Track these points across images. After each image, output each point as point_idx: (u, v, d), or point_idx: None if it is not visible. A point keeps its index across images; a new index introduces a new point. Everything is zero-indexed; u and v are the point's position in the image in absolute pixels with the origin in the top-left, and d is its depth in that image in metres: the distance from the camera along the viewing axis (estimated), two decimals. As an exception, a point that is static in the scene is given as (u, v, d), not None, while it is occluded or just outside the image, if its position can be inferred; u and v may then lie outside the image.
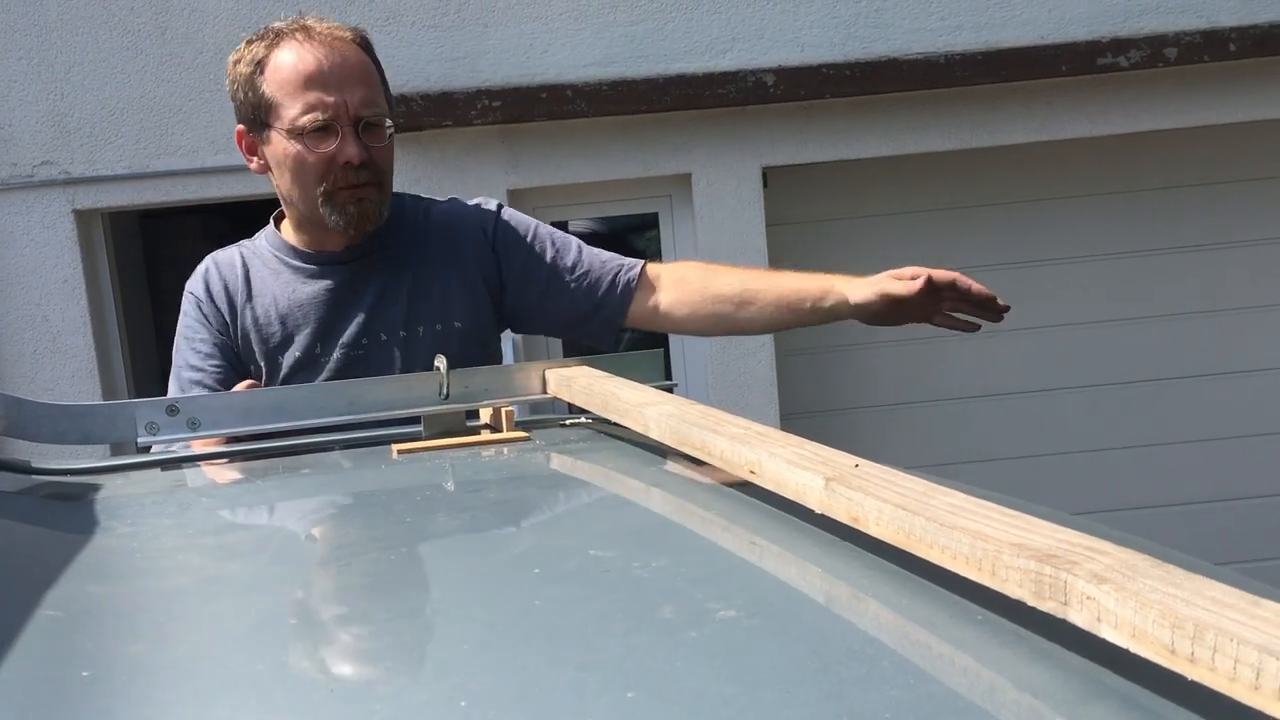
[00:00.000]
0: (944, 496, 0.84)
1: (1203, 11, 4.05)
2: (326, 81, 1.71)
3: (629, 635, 0.75)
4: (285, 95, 1.72)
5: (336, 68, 1.72)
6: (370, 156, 1.75)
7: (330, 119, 1.71)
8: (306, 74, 1.71)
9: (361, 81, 1.75)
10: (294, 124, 1.72)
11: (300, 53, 1.72)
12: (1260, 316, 4.50)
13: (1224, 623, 0.59)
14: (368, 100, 1.75)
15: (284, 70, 1.73)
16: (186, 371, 1.81)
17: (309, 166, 1.74)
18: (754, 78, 4.00)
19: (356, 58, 1.76)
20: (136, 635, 0.80)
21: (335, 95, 1.71)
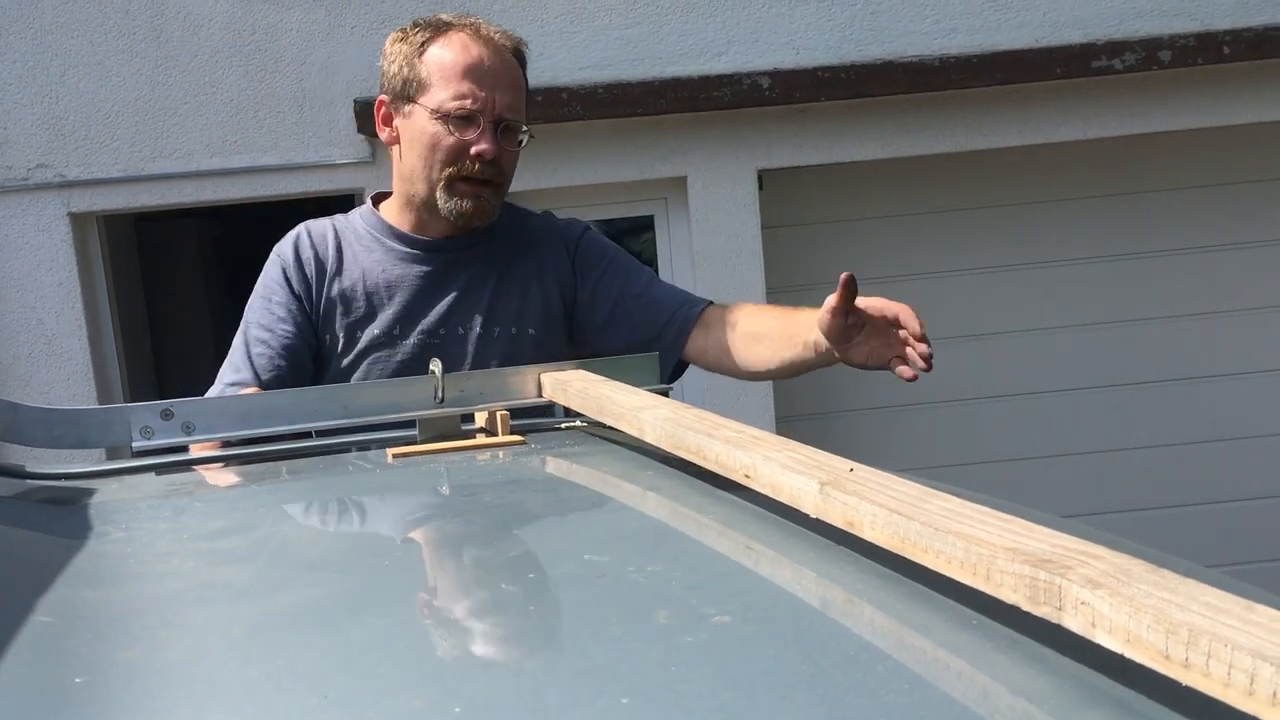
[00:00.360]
0: (939, 501, 0.84)
1: (1197, 14, 4.06)
2: (481, 76, 1.79)
3: (624, 640, 0.75)
4: (440, 78, 1.80)
5: (494, 68, 1.81)
6: (500, 156, 1.82)
7: (476, 110, 1.79)
8: (466, 64, 1.79)
9: (511, 87, 1.83)
10: (441, 105, 1.79)
11: (465, 45, 1.80)
12: (1258, 318, 4.51)
13: (1218, 628, 0.59)
14: (513, 105, 1.83)
15: (446, 56, 1.80)
16: (255, 329, 1.84)
17: (442, 148, 1.81)
18: (749, 80, 4.00)
19: (511, 65, 1.84)
20: (131, 641, 0.80)
21: (486, 91, 1.79)
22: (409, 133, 1.84)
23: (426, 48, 1.82)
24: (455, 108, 1.78)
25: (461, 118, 1.79)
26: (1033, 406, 4.53)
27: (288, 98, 4.02)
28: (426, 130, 1.81)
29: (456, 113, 1.78)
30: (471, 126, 1.79)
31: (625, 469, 1.27)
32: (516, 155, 1.87)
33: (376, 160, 4.06)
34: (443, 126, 1.79)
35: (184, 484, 1.33)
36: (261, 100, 4.01)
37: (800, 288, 4.42)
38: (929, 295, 4.46)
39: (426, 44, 1.82)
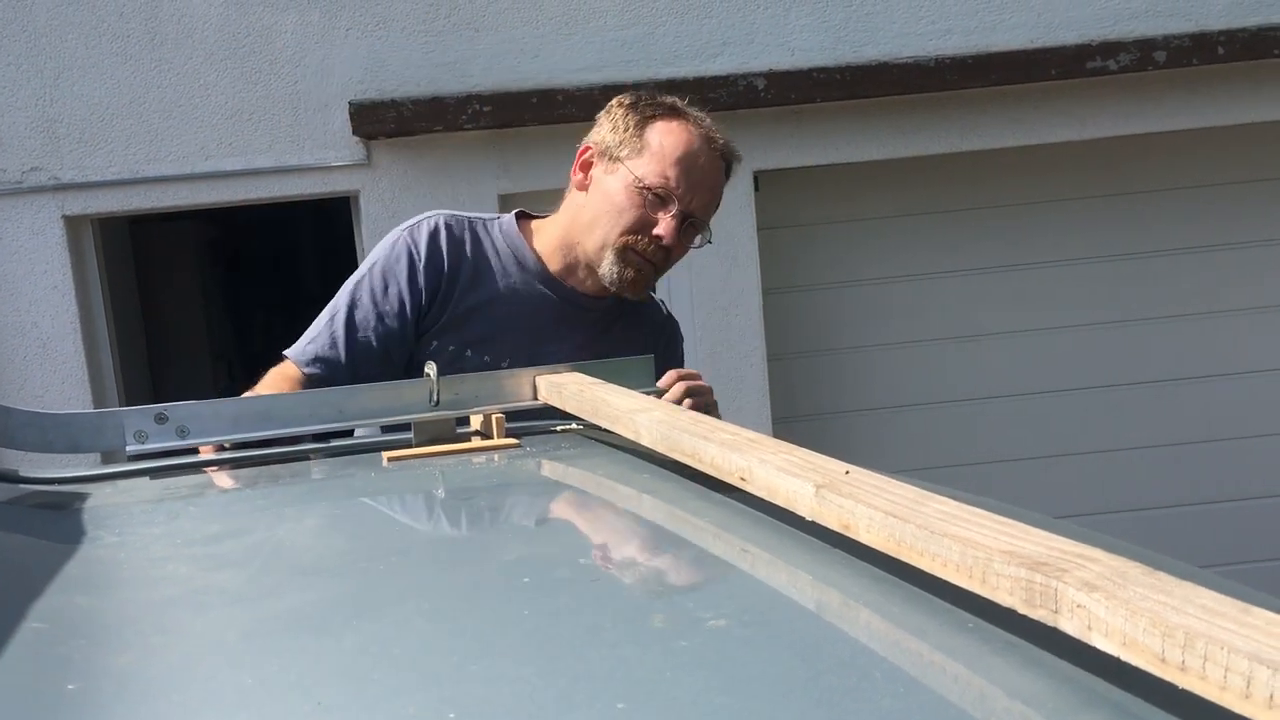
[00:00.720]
0: (935, 504, 0.84)
1: (1191, 15, 4.06)
2: (690, 170, 1.85)
3: (619, 645, 0.75)
4: (654, 153, 1.85)
5: (705, 170, 1.87)
6: (675, 245, 1.88)
7: (673, 195, 1.85)
8: (681, 153, 1.85)
9: (711, 190, 1.91)
10: (645, 177, 1.85)
11: (688, 136, 1.87)
12: (1254, 318, 4.51)
13: (1214, 630, 0.59)
14: (705, 207, 1.90)
15: (668, 137, 1.86)
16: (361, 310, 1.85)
17: (628, 214, 1.86)
18: (745, 82, 4.00)
19: (718, 176, 1.92)
20: (124, 647, 0.79)
21: (688, 184, 1.85)
22: (604, 186, 1.89)
23: (653, 122, 1.88)
24: (656, 184, 1.84)
25: (658, 196, 1.84)
26: (1029, 407, 4.53)
27: (282, 100, 4.01)
28: (622, 192, 1.86)
29: (656, 189, 1.84)
30: (663, 208, 1.85)
31: (621, 472, 1.27)
32: (686, 251, 1.94)
33: (371, 162, 4.06)
34: (638, 196, 1.84)
35: (178, 488, 1.32)
36: (256, 103, 4.01)
37: (796, 289, 4.42)
38: (924, 296, 4.47)
39: (654, 119, 1.88)
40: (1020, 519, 0.81)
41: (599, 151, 1.91)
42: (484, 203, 4.04)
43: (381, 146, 4.05)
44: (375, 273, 1.88)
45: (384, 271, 1.87)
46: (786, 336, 4.39)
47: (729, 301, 4.16)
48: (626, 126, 1.88)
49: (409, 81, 4.02)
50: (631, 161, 1.86)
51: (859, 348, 4.49)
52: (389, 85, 4.01)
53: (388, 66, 4.02)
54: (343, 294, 1.88)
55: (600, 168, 1.90)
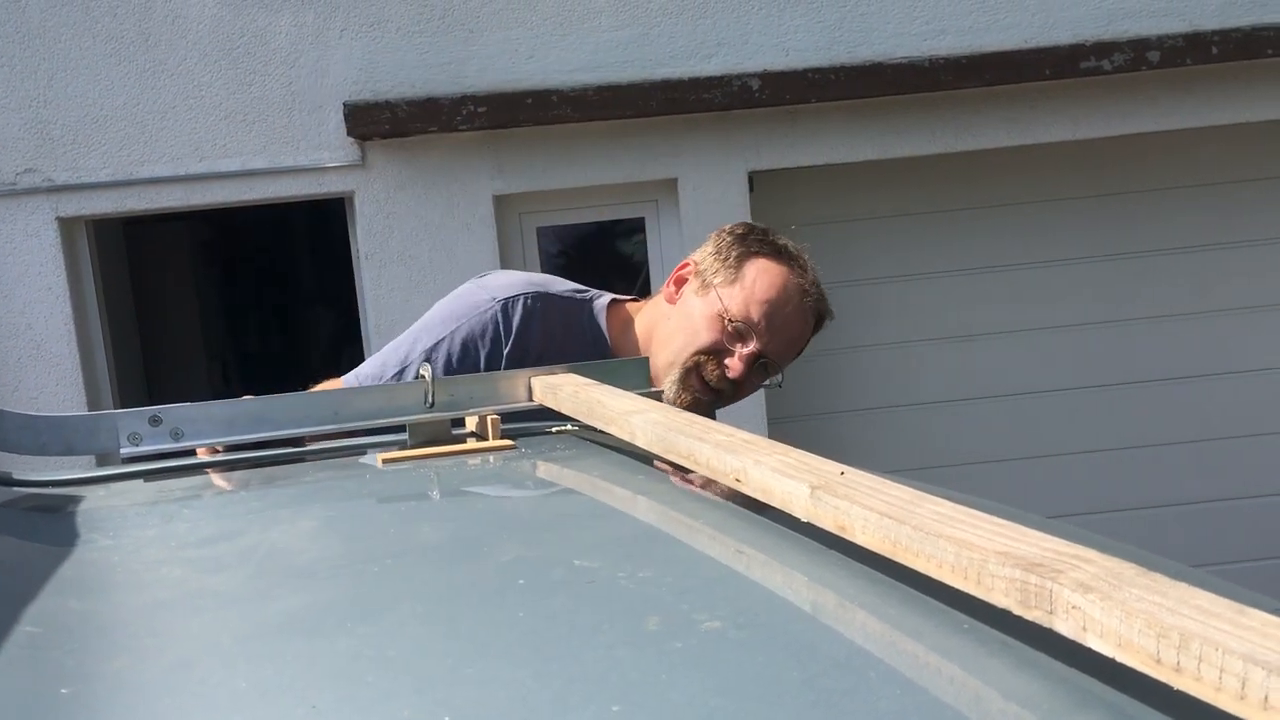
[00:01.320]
0: (930, 504, 0.84)
1: (1185, 15, 4.07)
2: (775, 315, 1.86)
3: (614, 647, 0.75)
4: (745, 288, 1.86)
5: (788, 318, 1.89)
6: (742, 384, 1.89)
7: (749, 335, 1.85)
8: (772, 297, 1.86)
9: (791, 341, 1.92)
10: (729, 309, 1.85)
11: (784, 283, 1.88)
12: (1248, 318, 4.52)
13: (1209, 632, 0.59)
14: (782, 354, 1.91)
15: (764, 278, 1.87)
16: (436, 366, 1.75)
17: (703, 336, 1.86)
18: (739, 82, 4.00)
19: (804, 327, 1.93)
20: (117, 651, 0.79)
21: (771, 329, 1.86)
22: (689, 306, 1.90)
23: (754, 259, 1.89)
24: (739, 317, 1.85)
25: (738, 331, 1.85)
26: (1023, 407, 4.54)
27: (277, 101, 4.01)
28: (705, 317, 1.87)
29: (737, 322, 1.84)
30: (740, 342, 1.85)
31: (616, 473, 1.26)
32: (754, 390, 1.96)
33: (366, 164, 4.05)
34: (719, 323, 1.85)
35: (172, 490, 1.32)
36: (250, 104, 4.00)
37: (791, 289, 4.41)
38: (919, 295, 4.48)
39: (758, 255, 1.89)
40: (1015, 520, 0.81)
41: (696, 271, 1.92)
42: (479, 203, 4.04)
43: (376, 147, 4.05)
44: (456, 340, 1.82)
45: (465, 342, 1.82)
46: (782, 337, 4.38)
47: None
48: (728, 256, 1.90)
49: (403, 82, 4.02)
50: (723, 290, 1.87)
51: (854, 348, 4.50)
52: (383, 86, 4.01)
53: (382, 67, 4.02)
54: (415, 343, 1.82)
55: (692, 286, 1.91)
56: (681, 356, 1.86)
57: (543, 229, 4.37)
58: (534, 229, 4.32)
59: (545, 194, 4.19)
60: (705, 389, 1.86)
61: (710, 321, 1.86)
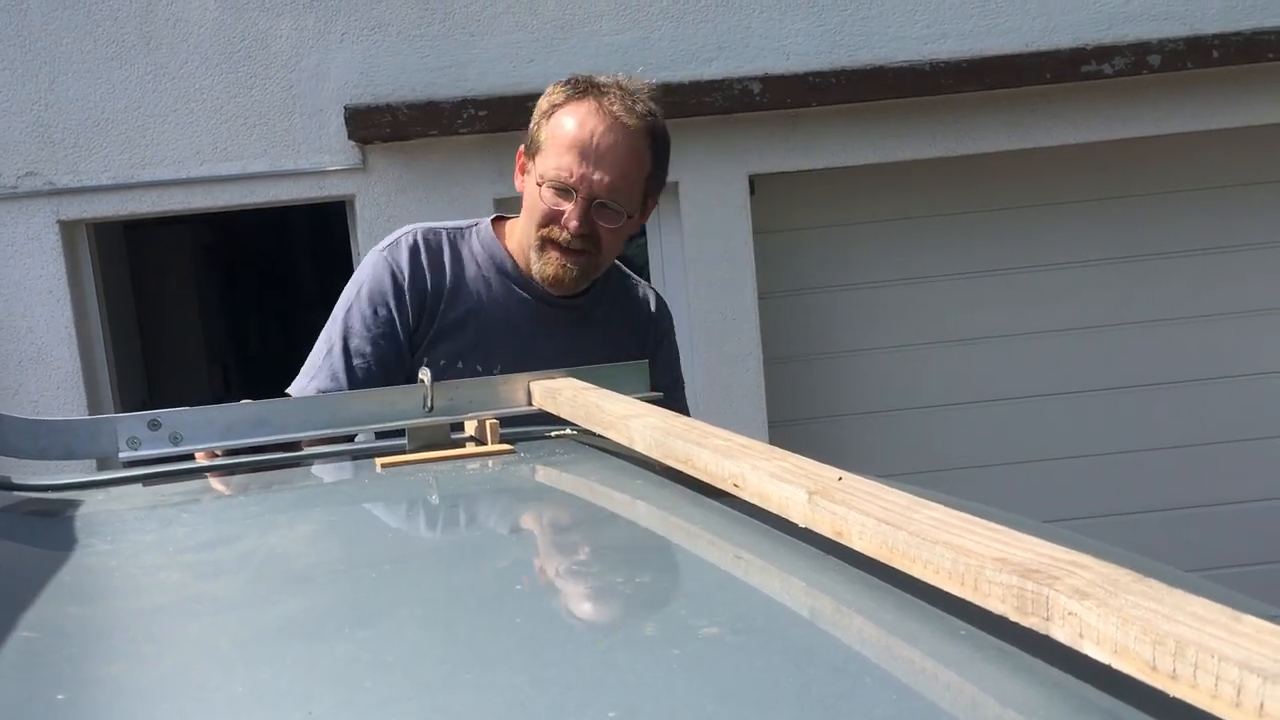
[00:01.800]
0: (927, 510, 0.84)
1: (1186, 19, 4.07)
2: (587, 154, 1.81)
3: (611, 653, 0.75)
4: (552, 145, 1.84)
5: (603, 147, 1.82)
6: (591, 232, 1.85)
7: (572, 186, 1.82)
8: (575, 139, 1.82)
9: (618, 169, 1.83)
10: (545, 173, 1.84)
11: (584, 118, 1.83)
12: (1249, 321, 4.52)
13: (1205, 639, 0.59)
14: (612, 187, 1.83)
15: (562, 125, 1.84)
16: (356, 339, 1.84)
17: (539, 211, 1.86)
18: (740, 86, 4.00)
19: (628, 146, 1.84)
20: (114, 656, 0.79)
21: (587, 169, 1.82)
22: (525, 187, 1.91)
23: (555, 112, 1.86)
24: (554, 177, 1.83)
25: (557, 189, 1.83)
26: (1024, 411, 4.54)
27: (278, 104, 4.01)
28: (532, 192, 1.87)
29: (554, 183, 1.83)
30: (565, 199, 1.83)
31: (615, 478, 1.27)
32: (617, 233, 1.89)
33: (367, 166, 4.06)
34: (545, 192, 1.84)
35: (171, 495, 1.32)
36: (251, 107, 4.01)
37: (791, 293, 4.42)
38: (919, 299, 4.48)
39: (557, 108, 1.86)
40: (1012, 525, 0.81)
41: (525, 154, 1.92)
42: (479, 207, 4.04)
43: (377, 151, 4.05)
44: (363, 297, 1.88)
45: (370, 295, 1.88)
46: (782, 340, 4.39)
47: (725, 305, 4.16)
48: (536, 124, 1.89)
49: (404, 86, 4.02)
50: (539, 158, 1.86)
51: (855, 351, 4.49)
52: (384, 90, 4.01)
53: (383, 71, 4.02)
54: (334, 324, 1.88)
55: (527, 170, 1.91)
56: (530, 237, 1.88)
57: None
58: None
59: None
60: (564, 252, 1.85)
61: (536, 195, 1.85)
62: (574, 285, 1.91)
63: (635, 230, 1.99)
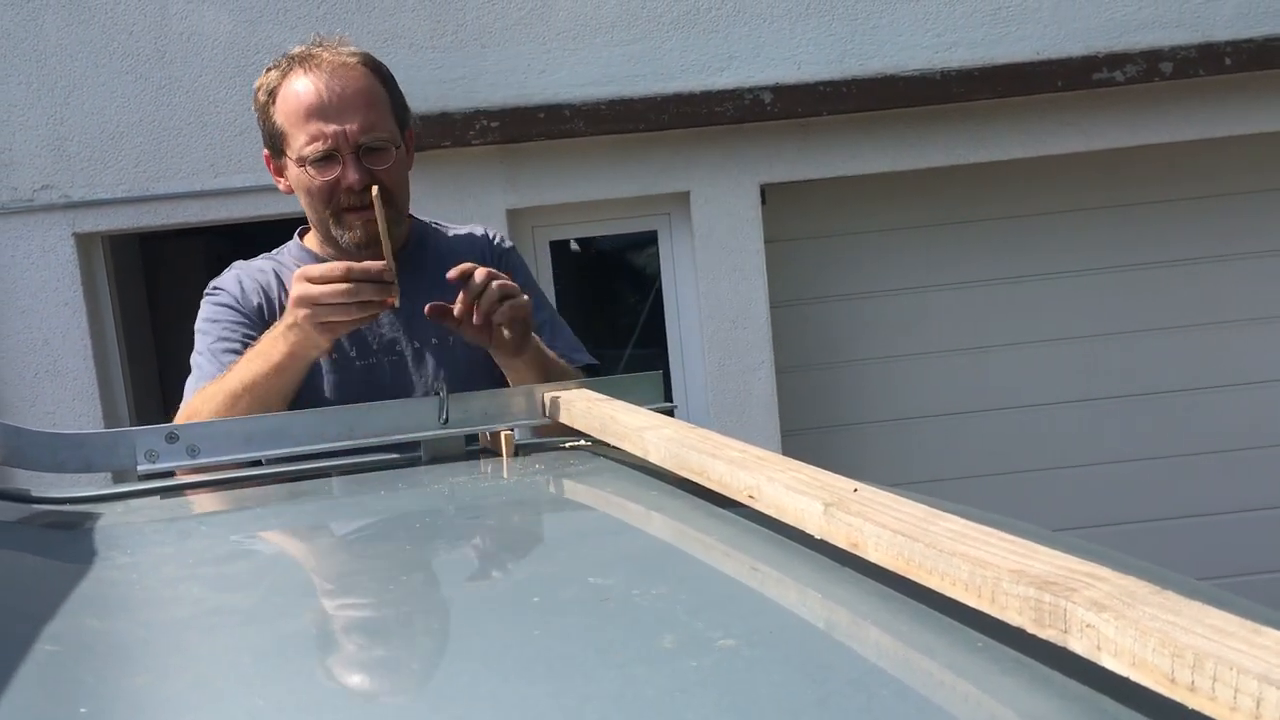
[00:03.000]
0: (943, 522, 0.84)
1: (1198, 26, 4.06)
2: (326, 111, 1.77)
3: (628, 666, 0.75)
4: (292, 125, 1.80)
5: (336, 96, 1.78)
6: (375, 178, 1.80)
7: (331, 148, 1.78)
8: (308, 105, 1.78)
9: (362, 108, 1.79)
10: (300, 153, 1.79)
11: (304, 83, 1.79)
12: (1262, 328, 4.50)
13: (1224, 651, 0.59)
14: (367, 126, 1.79)
15: (290, 101, 1.80)
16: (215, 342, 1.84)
17: (315, 192, 1.82)
18: (751, 95, 4.01)
19: (359, 83, 1.81)
20: (137, 669, 0.80)
21: (335, 124, 1.77)
22: (292, 182, 1.86)
23: (275, 98, 1.82)
24: (311, 152, 1.78)
25: (320, 159, 1.78)
26: (1038, 418, 4.52)
27: (291, 117, 4.03)
28: (300, 179, 1.82)
29: (314, 156, 1.78)
30: (333, 164, 1.78)
31: (630, 489, 1.27)
32: (396, 168, 1.85)
33: (380, 178, 4.07)
34: (308, 173, 1.79)
35: (189, 507, 1.33)
36: (265, 120, 4.03)
37: (803, 301, 4.42)
38: (932, 307, 4.47)
39: (274, 94, 1.82)
40: (1028, 536, 0.81)
41: (271, 155, 1.88)
42: (492, 217, 4.05)
43: (390, 162, 4.07)
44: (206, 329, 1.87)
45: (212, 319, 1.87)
46: (794, 349, 4.39)
47: (737, 314, 4.16)
48: (265, 120, 1.85)
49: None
50: (287, 148, 1.81)
51: (867, 360, 4.49)
52: (397, 101, 4.03)
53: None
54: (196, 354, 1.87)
55: (278, 166, 1.88)
56: (324, 218, 1.84)
57: (556, 243, 4.38)
58: (547, 242, 4.33)
59: (558, 208, 4.20)
60: (359, 211, 1.80)
61: (305, 179, 1.80)
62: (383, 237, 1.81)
63: (410, 165, 1.93)
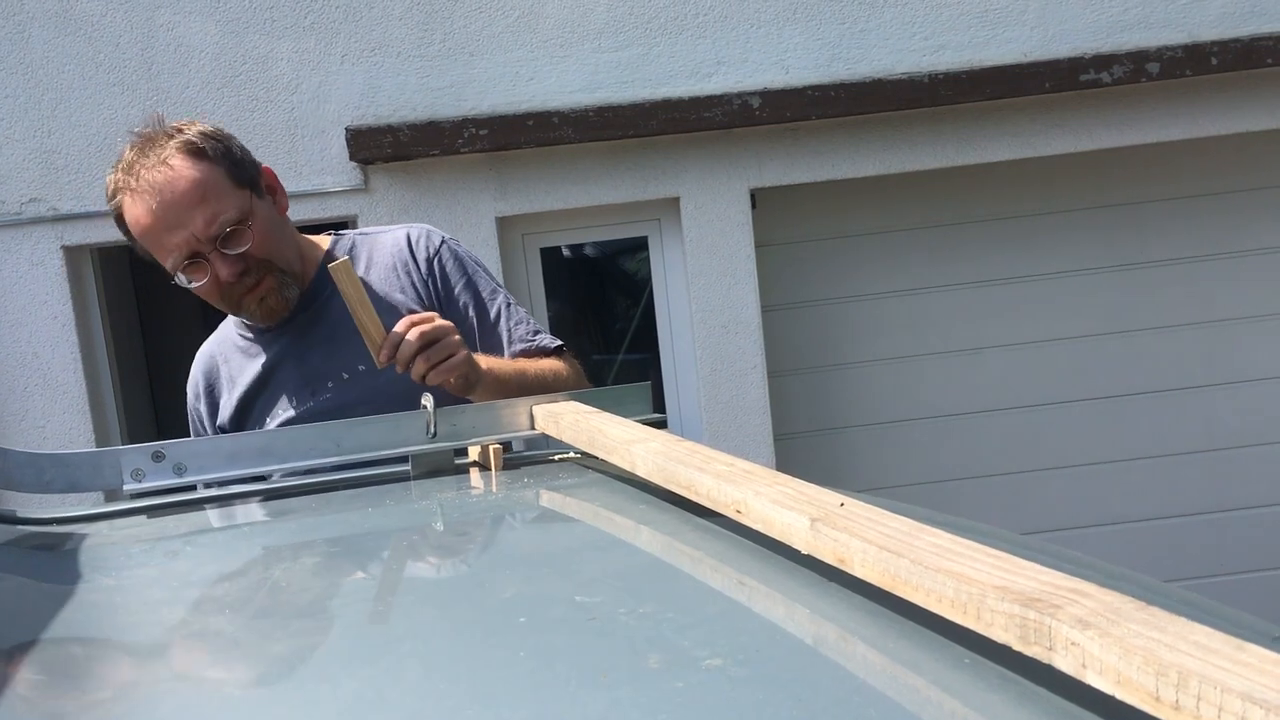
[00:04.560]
0: (929, 536, 0.84)
1: (1184, 26, 4.07)
2: (168, 224, 1.75)
3: (615, 687, 0.75)
4: (151, 247, 1.80)
5: (169, 207, 1.74)
6: (246, 262, 1.79)
7: (191, 254, 1.76)
8: (148, 227, 1.76)
9: (197, 204, 1.75)
10: (170, 269, 1.79)
11: (136, 208, 1.76)
12: (1249, 327, 4.51)
13: (1208, 669, 0.59)
14: (210, 219, 1.76)
15: (136, 229, 1.79)
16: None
17: (209, 296, 1.83)
18: (740, 100, 4.01)
19: (184, 181, 1.75)
20: (117, 695, 0.79)
21: (181, 233, 1.75)
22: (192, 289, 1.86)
23: (125, 223, 1.80)
24: (176, 265, 1.77)
25: (187, 270, 1.77)
26: (1029, 420, 4.53)
27: (279, 127, 4.03)
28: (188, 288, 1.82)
29: (181, 270, 1.78)
30: (201, 267, 1.77)
31: (618, 503, 1.26)
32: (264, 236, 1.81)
33: (369, 188, 4.07)
34: (187, 282, 1.79)
35: (175, 527, 1.32)
36: (253, 130, 4.02)
37: (794, 305, 4.42)
38: (923, 310, 4.48)
39: (123, 220, 1.80)
40: (1014, 548, 0.81)
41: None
42: (482, 225, 4.05)
43: (379, 171, 4.07)
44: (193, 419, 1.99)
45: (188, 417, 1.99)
46: (786, 353, 4.39)
47: (728, 319, 4.16)
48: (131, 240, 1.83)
49: (405, 106, 4.04)
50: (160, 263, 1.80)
51: (859, 363, 4.49)
52: (385, 110, 4.03)
53: (384, 92, 4.03)
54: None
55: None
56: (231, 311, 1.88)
57: (546, 250, 4.38)
58: (537, 249, 4.33)
59: (548, 215, 4.20)
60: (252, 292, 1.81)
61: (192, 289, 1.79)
62: (290, 300, 1.86)
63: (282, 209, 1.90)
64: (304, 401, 1.87)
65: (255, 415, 1.90)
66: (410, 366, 1.65)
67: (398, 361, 1.65)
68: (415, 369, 1.65)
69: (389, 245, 1.96)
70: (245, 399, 1.90)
